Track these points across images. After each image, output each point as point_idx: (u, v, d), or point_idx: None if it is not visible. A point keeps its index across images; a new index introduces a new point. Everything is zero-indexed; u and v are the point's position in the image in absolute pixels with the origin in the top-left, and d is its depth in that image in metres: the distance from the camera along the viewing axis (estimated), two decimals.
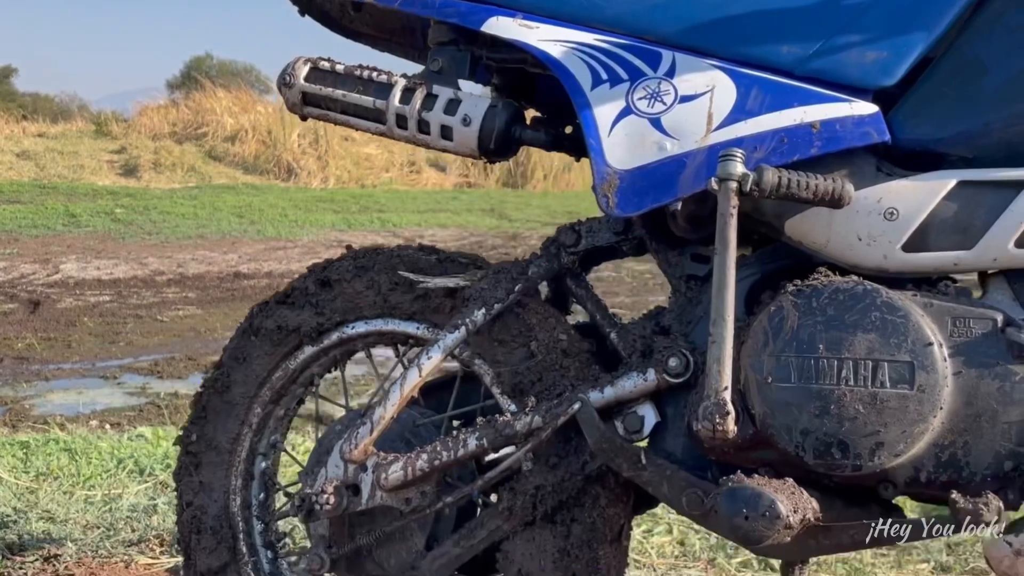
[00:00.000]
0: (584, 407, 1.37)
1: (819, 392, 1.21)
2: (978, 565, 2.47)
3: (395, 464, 1.47)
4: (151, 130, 14.75)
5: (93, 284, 7.84)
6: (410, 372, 1.48)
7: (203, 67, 19.35)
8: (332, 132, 14.23)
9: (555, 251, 1.56)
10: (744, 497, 1.11)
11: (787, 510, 1.10)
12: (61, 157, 13.91)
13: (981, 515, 1.08)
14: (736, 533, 1.11)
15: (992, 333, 1.21)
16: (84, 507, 2.85)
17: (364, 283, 1.61)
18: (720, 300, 1.24)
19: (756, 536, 1.10)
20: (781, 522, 1.09)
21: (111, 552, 2.47)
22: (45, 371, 5.16)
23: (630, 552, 2.70)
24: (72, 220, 10.63)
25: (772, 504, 1.10)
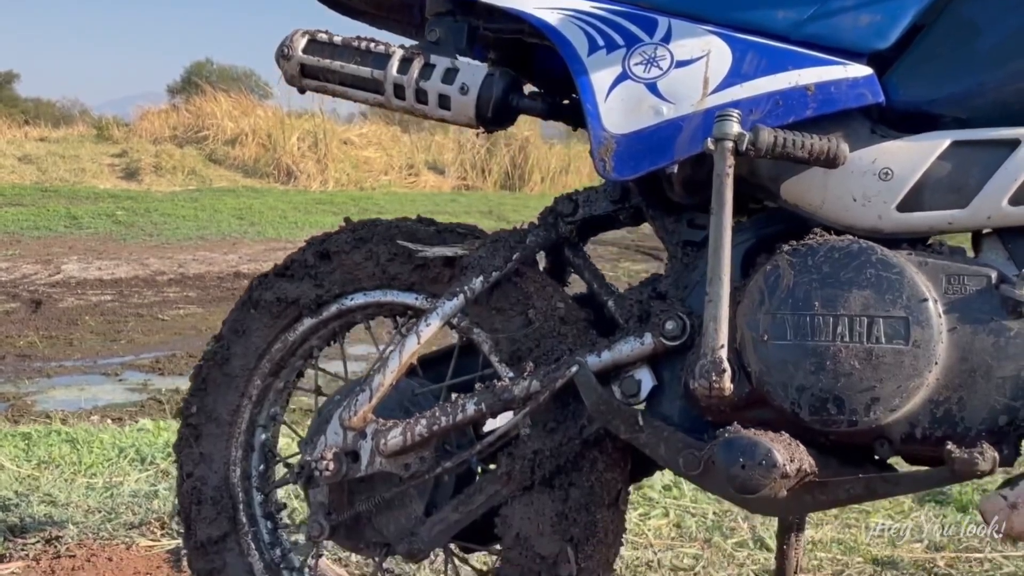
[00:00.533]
0: (582, 370, 1.37)
1: (815, 349, 1.21)
2: (971, 544, 2.47)
3: (394, 430, 1.46)
4: (152, 134, 14.72)
5: (94, 284, 7.82)
6: (409, 339, 1.48)
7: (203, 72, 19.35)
8: (331, 136, 14.24)
9: (552, 221, 1.55)
10: (741, 446, 1.10)
11: (783, 459, 1.10)
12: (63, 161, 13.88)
13: (976, 464, 1.08)
14: (733, 483, 1.10)
15: (986, 290, 1.21)
16: (85, 493, 2.83)
17: (363, 254, 1.60)
18: (716, 260, 1.24)
19: (753, 485, 1.09)
20: (777, 470, 1.09)
21: (112, 534, 2.46)
22: (47, 368, 5.14)
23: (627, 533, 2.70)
24: (73, 222, 10.61)
25: (769, 452, 1.09)
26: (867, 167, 1.27)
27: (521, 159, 14.69)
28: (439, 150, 15.27)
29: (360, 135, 14.83)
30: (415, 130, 16.12)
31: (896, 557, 2.34)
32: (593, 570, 1.43)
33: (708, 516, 2.67)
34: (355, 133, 14.90)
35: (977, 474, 1.08)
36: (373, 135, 14.92)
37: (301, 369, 1.71)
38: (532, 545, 1.42)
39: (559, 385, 1.37)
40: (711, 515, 2.68)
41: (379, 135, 15.01)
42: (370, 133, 15.00)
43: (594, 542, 1.42)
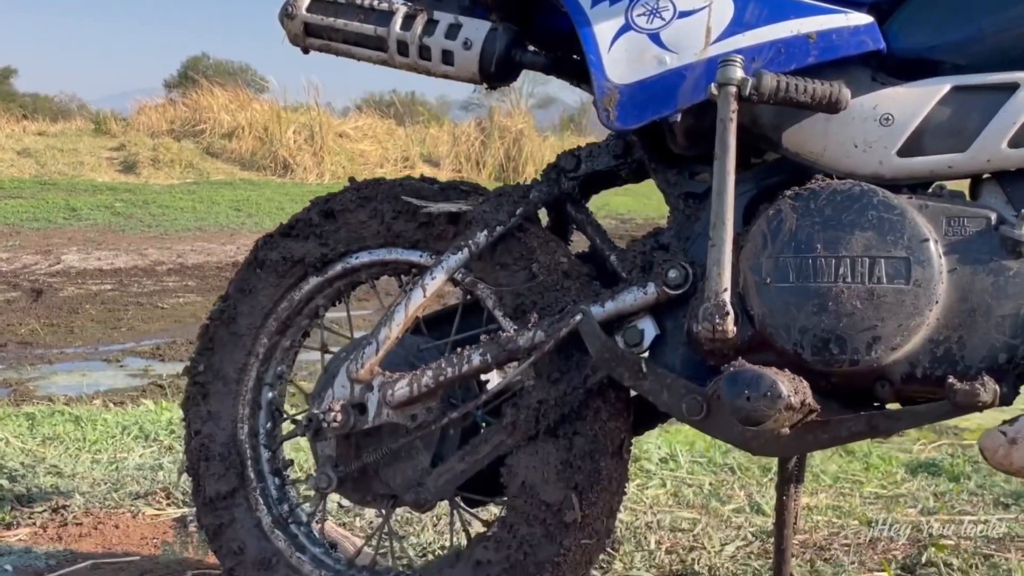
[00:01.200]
0: (586, 318, 1.36)
1: (817, 290, 1.21)
2: (962, 508, 2.48)
3: (401, 381, 1.46)
4: (149, 128, 14.65)
5: (94, 273, 7.79)
6: (414, 292, 1.47)
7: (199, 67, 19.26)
8: (327, 129, 14.19)
9: (555, 176, 1.55)
10: (746, 379, 1.10)
11: (788, 390, 1.10)
12: (61, 154, 13.81)
13: (978, 396, 1.08)
14: (738, 415, 1.10)
15: (986, 231, 1.21)
16: (91, 466, 2.82)
17: (367, 213, 1.60)
18: (720, 204, 1.24)
19: (758, 416, 1.09)
20: (783, 401, 1.09)
21: (118, 503, 2.45)
22: (49, 355, 5.12)
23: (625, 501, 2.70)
24: (73, 214, 10.57)
25: (773, 384, 1.09)
26: (868, 113, 1.27)
27: (515, 151, 14.66)
28: (433, 142, 15.25)
29: (355, 128, 14.79)
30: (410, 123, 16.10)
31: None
32: (597, 516, 1.43)
33: (704, 486, 2.68)
34: (350, 126, 14.86)
35: (978, 406, 1.08)
36: (368, 128, 14.88)
37: (307, 328, 1.70)
38: (537, 493, 1.42)
39: (564, 334, 1.37)
40: (707, 485, 2.69)
41: (374, 128, 14.97)
42: (365, 126, 14.96)
43: (598, 489, 1.42)
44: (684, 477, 2.78)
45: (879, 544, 2.16)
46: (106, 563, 2.02)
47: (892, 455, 3.05)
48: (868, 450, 3.03)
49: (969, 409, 1.11)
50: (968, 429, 3.44)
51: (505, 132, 14.81)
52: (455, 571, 1.46)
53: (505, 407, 1.45)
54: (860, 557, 2.03)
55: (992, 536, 2.22)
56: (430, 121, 16.32)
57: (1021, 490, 2.63)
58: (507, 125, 14.86)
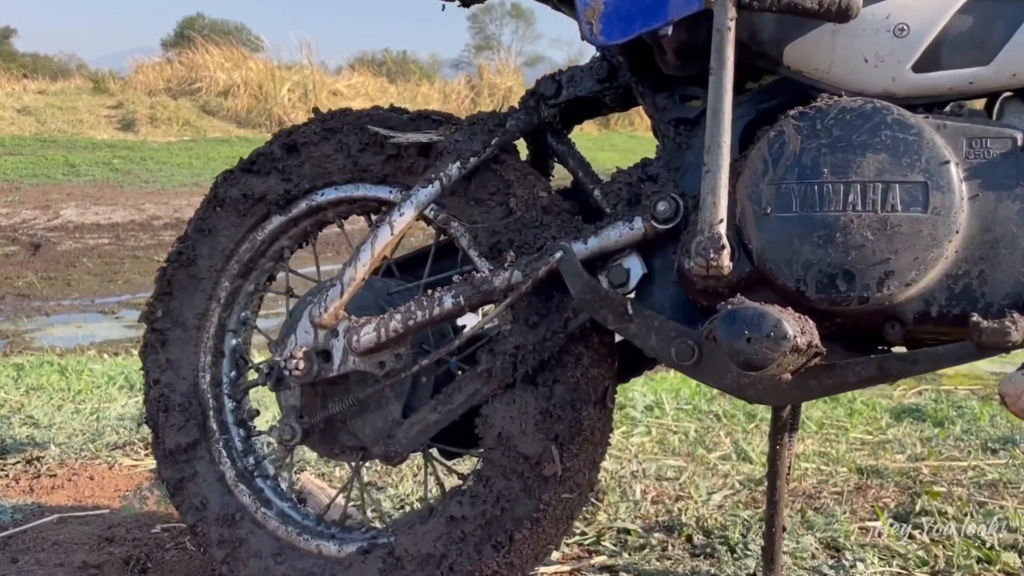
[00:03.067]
0: (566, 256, 1.19)
1: (823, 220, 1.03)
2: (952, 454, 2.34)
3: (367, 326, 1.28)
4: (147, 86, 14.29)
5: (92, 228, 7.59)
6: (381, 230, 1.30)
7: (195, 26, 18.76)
8: (320, 87, 13.85)
9: (534, 104, 1.36)
10: (746, 318, 0.93)
11: (794, 330, 0.93)
12: (60, 112, 13.47)
13: (1007, 335, 0.91)
14: (737, 358, 0.93)
15: (1011, 153, 1.03)
16: (72, 416, 2.66)
17: (332, 145, 1.41)
18: (715, 125, 1.06)
19: (760, 359, 0.92)
20: (788, 343, 0.92)
21: (95, 454, 2.29)
22: (46, 307, 4.96)
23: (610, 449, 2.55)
24: (72, 170, 10.31)
25: (778, 323, 0.92)
26: (880, 23, 1.09)
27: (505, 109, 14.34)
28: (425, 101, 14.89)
29: (348, 86, 14.42)
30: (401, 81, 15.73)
31: (880, 466, 2.20)
32: (579, 469, 1.27)
33: (690, 433, 2.53)
34: (343, 84, 14.49)
35: (1007, 346, 0.92)
36: (361, 86, 14.51)
37: (272, 271, 1.52)
38: (515, 445, 1.25)
39: (542, 273, 1.20)
40: (693, 432, 2.54)
41: (366, 86, 14.60)
42: (358, 84, 14.59)
43: (580, 441, 1.26)
44: (669, 425, 2.63)
45: (869, 492, 2.01)
46: (73, 517, 1.86)
47: (875, 401, 2.90)
48: (852, 396, 2.89)
49: (996, 350, 0.94)
50: (946, 375, 3.30)
51: (495, 90, 14.48)
52: (427, 527, 1.30)
53: (480, 353, 1.29)
54: (851, 506, 1.89)
55: (983, 482, 2.08)
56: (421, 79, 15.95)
57: (1008, 435, 2.49)
58: (496, 83, 14.52)
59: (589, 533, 1.71)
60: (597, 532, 1.71)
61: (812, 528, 1.73)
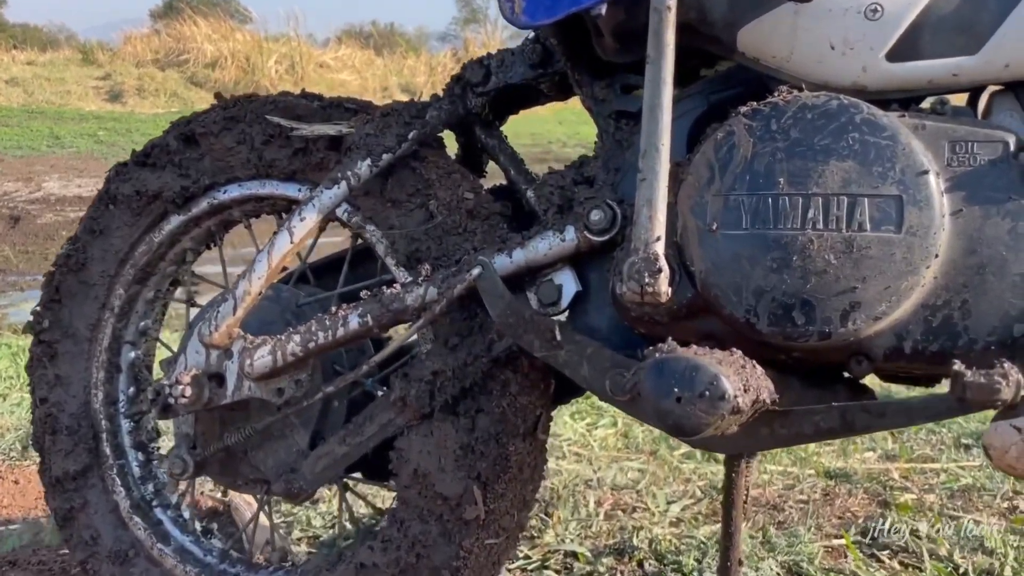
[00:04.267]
0: (485, 272, 1.00)
1: (778, 239, 0.84)
2: (923, 453, 2.17)
3: (262, 348, 1.09)
4: (135, 57, 13.91)
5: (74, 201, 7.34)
6: (279, 237, 1.10)
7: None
8: (307, 59, 13.51)
9: (460, 92, 1.16)
10: (677, 372, 0.74)
11: (734, 388, 0.74)
12: (48, 83, 13.12)
13: (997, 392, 0.72)
14: (665, 421, 0.74)
15: (1001, 160, 0.84)
16: (11, 408, 2.47)
17: (234, 137, 1.21)
18: (653, 124, 0.86)
19: (693, 424, 0.74)
20: (727, 404, 0.73)
21: (22, 456, 2.10)
22: (21, 282, 4.76)
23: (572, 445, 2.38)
24: (56, 141, 10.01)
25: (715, 380, 0.73)
26: (849, 4, 0.89)
27: None
28: (411, 73, 14.56)
29: (335, 58, 14.06)
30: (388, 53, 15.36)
31: (849, 469, 2.04)
32: (506, 511, 1.09)
33: None
34: (331, 56, 14.13)
35: (996, 404, 0.73)
36: (348, 58, 14.15)
37: (175, 276, 1.32)
38: (432, 483, 1.07)
39: (458, 292, 1.01)
40: None
41: (354, 58, 14.24)
42: (345, 56, 14.23)
43: (506, 479, 1.07)
44: None
45: (837, 501, 1.84)
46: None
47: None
48: None
49: (983, 406, 0.76)
50: None
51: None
52: (335, 574, 1.12)
53: (393, 379, 1.10)
54: (817, 520, 1.72)
55: (956, 489, 1.92)
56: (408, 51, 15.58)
57: (980, 429, 2.33)
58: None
59: (534, 557, 1.53)
60: (543, 556, 1.54)
61: (774, 550, 1.56)
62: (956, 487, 1.93)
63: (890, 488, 1.93)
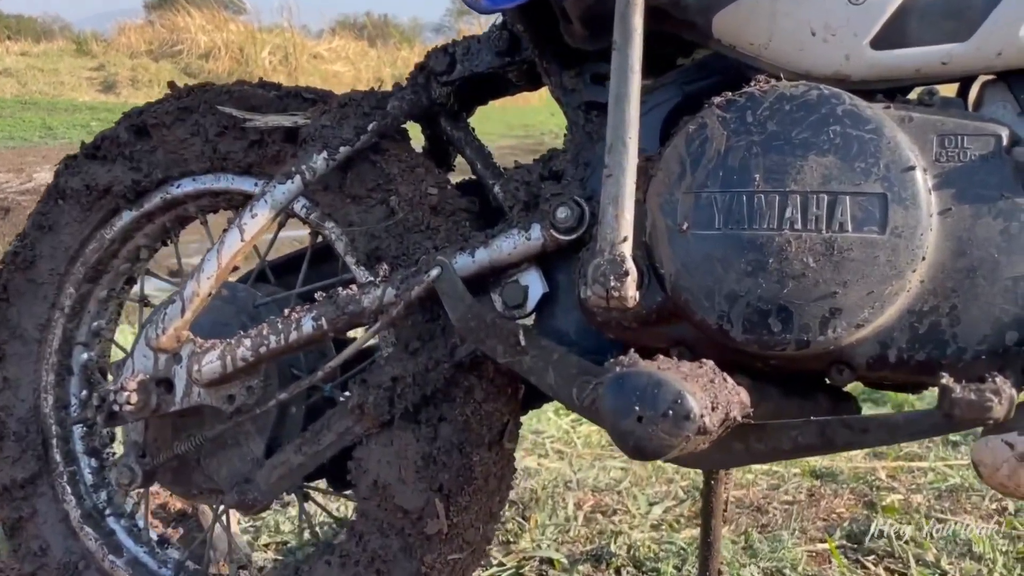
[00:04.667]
0: (444, 273, 0.93)
1: (753, 241, 0.77)
2: (911, 451, 2.11)
3: (211, 353, 1.02)
4: (129, 48, 13.75)
5: None
6: (229, 235, 1.03)
7: None
8: (301, 50, 13.38)
9: (423, 81, 1.09)
10: (638, 388, 0.67)
11: (701, 406, 0.67)
12: (42, 74, 12.98)
13: (988, 409, 0.66)
14: (625, 442, 0.67)
15: (993, 155, 0.77)
16: None
17: (188, 128, 1.13)
18: (619, 115, 0.79)
19: (655, 446, 0.67)
20: (692, 424, 0.66)
21: None
22: None
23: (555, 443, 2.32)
24: (48, 132, 9.90)
25: (680, 398, 0.66)
26: None
27: None
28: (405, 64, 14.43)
29: (329, 49, 13.92)
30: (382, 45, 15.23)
31: (835, 468, 1.97)
32: (470, 525, 1.02)
33: None
34: (324, 47, 13.99)
35: (987, 421, 0.67)
36: (342, 49, 14.01)
37: (130, 274, 1.25)
38: (392, 496, 1.00)
39: (416, 294, 0.94)
40: None
41: (347, 49, 14.10)
42: (339, 47, 14.09)
43: (470, 491, 1.01)
44: None
45: (822, 503, 1.78)
46: None
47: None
48: None
49: (973, 423, 0.69)
50: None
51: None
52: None
53: (352, 385, 1.03)
54: (801, 522, 1.66)
55: (944, 489, 1.86)
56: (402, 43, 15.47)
57: None
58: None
59: (508, 564, 1.47)
60: (518, 562, 1.48)
61: (756, 556, 1.49)
62: (944, 487, 1.87)
63: (877, 488, 1.87)
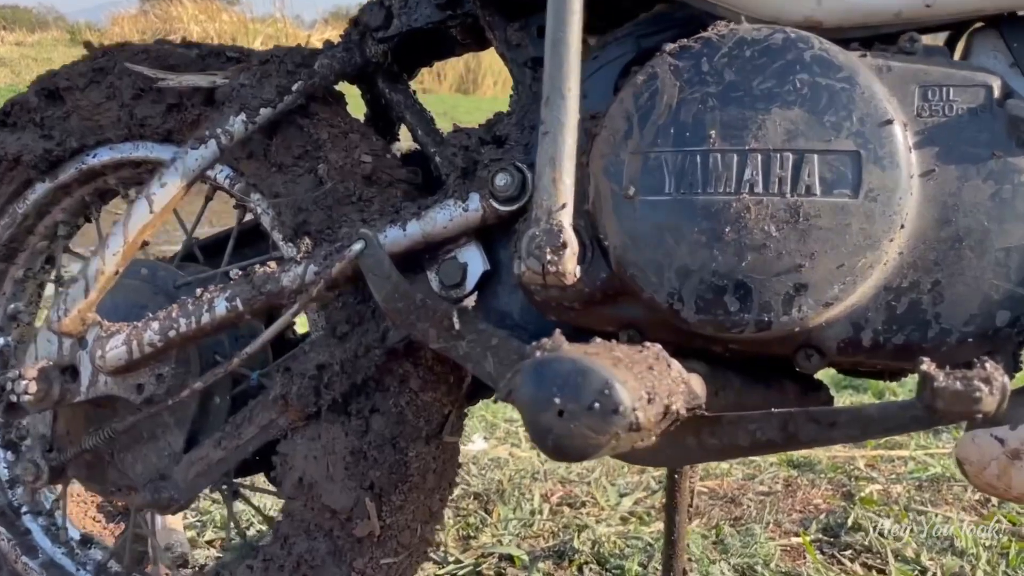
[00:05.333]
0: (369, 248, 0.81)
1: (708, 207, 0.66)
2: (891, 439, 2.01)
3: (116, 338, 0.90)
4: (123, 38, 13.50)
5: None
6: (136, 207, 0.91)
7: None
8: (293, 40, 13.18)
9: (358, 38, 0.97)
10: (559, 377, 0.55)
11: (633, 398, 0.55)
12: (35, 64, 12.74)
13: (977, 400, 0.55)
14: (543, 441, 0.55)
15: (983, 108, 0.66)
16: None
17: (103, 92, 1.01)
18: (556, 64, 0.67)
19: (578, 446, 0.55)
20: (621, 420, 0.54)
21: None
22: None
23: None
24: None
25: (607, 389, 0.54)
26: None
27: (475, 63, 13.74)
28: None
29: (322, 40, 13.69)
30: None
31: (813, 458, 1.87)
32: (405, 526, 0.91)
33: None
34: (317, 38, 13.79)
35: (975, 415, 0.55)
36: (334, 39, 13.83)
37: (49, 253, 1.13)
38: (319, 495, 0.89)
39: (336, 271, 0.82)
40: None
41: None
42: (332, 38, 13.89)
43: (405, 489, 0.89)
44: None
45: (798, 493, 1.68)
46: None
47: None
48: None
49: (957, 418, 0.58)
50: None
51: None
52: None
53: (274, 373, 0.91)
54: (776, 515, 1.55)
55: (924, 479, 1.75)
56: None
57: None
58: None
59: (466, 560, 1.36)
60: (476, 559, 1.37)
61: (727, 551, 1.38)
62: (925, 477, 1.76)
63: (855, 478, 1.76)
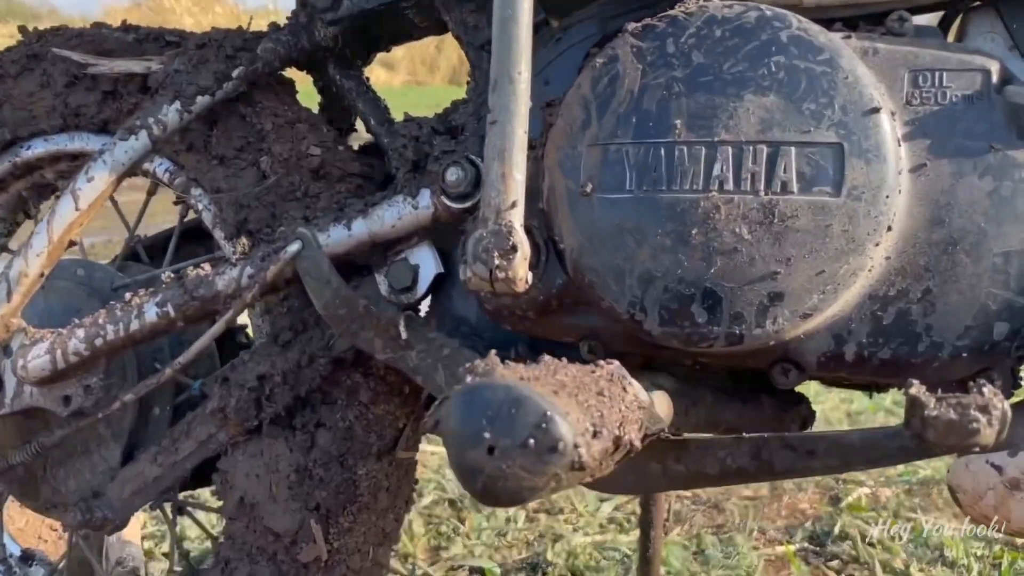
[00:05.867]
0: (307, 250, 0.73)
1: (673, 206, 0.58)
2: None
3: (39, 346, 0.82)
4: None
5: None
6: (62, 204, 0.83)
7: None
8: None
9: (305, 20, 0.89)
10: (490, 408, 0.46)
11: (576, 433, 0.47)
12: None
13: (973, 432, 0.47)
14: (472, 482, 0.47)
15: (980, 95, 0.58)
16: None
17: (36, 79, 0.93)
18: (505, 44, 0.60)
19: (510, 488, 0.46)
20: (561, 458, 0.46)
21: None
22: None
23: None
24: None
25: (545, 422, 0.46)
26: None
27: None
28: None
29: None
30: None
31: None
32: (355, 549, 0.84)
33: None
34: None
35: (972, 448, 0.48)
36: None
37: None
38: (261, 516, 0.82)
39: (271, 275, 0.74)
40: None
41: None
42: None
43: (354, 510, 0.82)
44: None
45: (784, 498, 1.61)
46: None
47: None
48: None
49: (950, 450, 0.51)
50: None
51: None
52: None
53: (211, 384, 0.84)
54: (760, 522, 1.48)
55: (915, 482, 1.68)
56: None
57: None
58: None
59: (434, 574, 1.28)
60: (445, 572, 1.29)
61: (708, 563, 1.32)
62: (915, 480, 1.69)
63: (843, 481, 1.69)
